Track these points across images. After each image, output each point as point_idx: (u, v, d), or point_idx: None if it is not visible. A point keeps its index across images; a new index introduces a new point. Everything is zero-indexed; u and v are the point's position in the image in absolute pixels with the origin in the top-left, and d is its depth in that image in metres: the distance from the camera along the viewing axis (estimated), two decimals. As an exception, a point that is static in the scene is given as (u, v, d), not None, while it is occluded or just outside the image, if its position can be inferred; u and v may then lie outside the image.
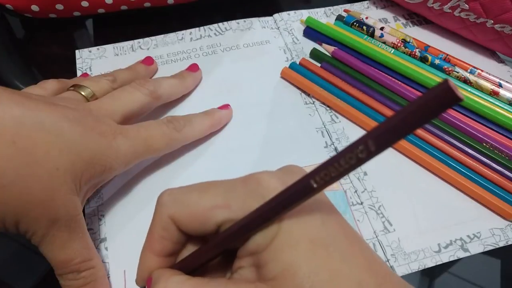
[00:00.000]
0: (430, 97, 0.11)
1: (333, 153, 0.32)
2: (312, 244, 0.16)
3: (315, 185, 0.14)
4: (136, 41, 0.38)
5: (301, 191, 0.15)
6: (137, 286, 0.21)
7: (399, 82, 0.36)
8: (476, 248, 0.28)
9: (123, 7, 0.38)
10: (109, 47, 0.38)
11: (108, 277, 0.25)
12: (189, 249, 0.20)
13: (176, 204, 0.18)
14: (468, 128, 0.32)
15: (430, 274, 0.28)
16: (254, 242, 0.17)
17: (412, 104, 0.11)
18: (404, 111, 0.11)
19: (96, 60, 0.37)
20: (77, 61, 0.36)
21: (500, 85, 0.35)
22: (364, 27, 0.39)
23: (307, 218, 0.17)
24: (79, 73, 0.35)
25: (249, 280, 0.17)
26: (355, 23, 0.40)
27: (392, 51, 0.37)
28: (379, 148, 0.12)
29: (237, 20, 0.40)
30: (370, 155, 0.12)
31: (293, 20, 0.41)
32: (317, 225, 0.17)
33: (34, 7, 0.36)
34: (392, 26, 0.40)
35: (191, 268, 0.19)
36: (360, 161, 0.13)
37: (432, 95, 0.11)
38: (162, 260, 0.19)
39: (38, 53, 0.39)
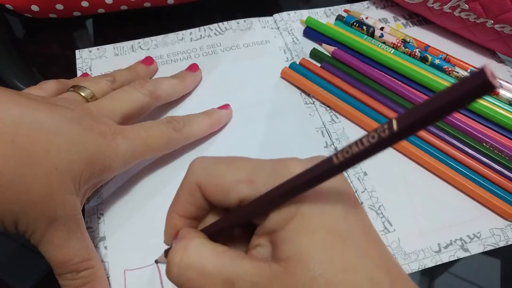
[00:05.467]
0: (460, 86, 0.11)
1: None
2: (329, 234, 0.16)
3: (336, 161, 0.14)
4: (136, 41, 0.38)
5: (322, 166, 0.15)
6: (166, 245, 0.21)
7: (399, 82, 0.36)
8: (476, 248, 0.28)
9: (123, 7, 0.38)
10: (109, 47, 0.38)
11: (108, 277, 0.25)
12: (211, 219, 0.20)
13: (204, 172, 0.19)
14: (468, 128, 0.32)
15: (430, 274, 0.28)
16: (272, 220, 0.17)
17: (441, 93, 0.11)
18: (432, 98, 0.11)
19: (96, 60, 0.37)
20: (77, 61, 0.36)
21: (500, 85, 0.35)
22: (364, 27, 0.39)
23: (329, 208, 0.17)
24: (79, 73, 0.35)
25: (265, 258, 0.17)
26: (355, 23, 0.40)
27: (392, 51, 0.37)
28: (402, 129, 0.12)
29: (237, 20, 0.40)
30: (392, 135, 0.12)
31: (293, 20, 0.41)
32: (338, 217, 0.17)
33: (34, 7, 0.37)
34: (392, 26, 0.40)
35: (213, 234, 0.20)
36: (382, 142, 0.13)
37: (465, 84, 0.10)
38: (185, 221, 0.20)
39: (38, 53, 0.39)
